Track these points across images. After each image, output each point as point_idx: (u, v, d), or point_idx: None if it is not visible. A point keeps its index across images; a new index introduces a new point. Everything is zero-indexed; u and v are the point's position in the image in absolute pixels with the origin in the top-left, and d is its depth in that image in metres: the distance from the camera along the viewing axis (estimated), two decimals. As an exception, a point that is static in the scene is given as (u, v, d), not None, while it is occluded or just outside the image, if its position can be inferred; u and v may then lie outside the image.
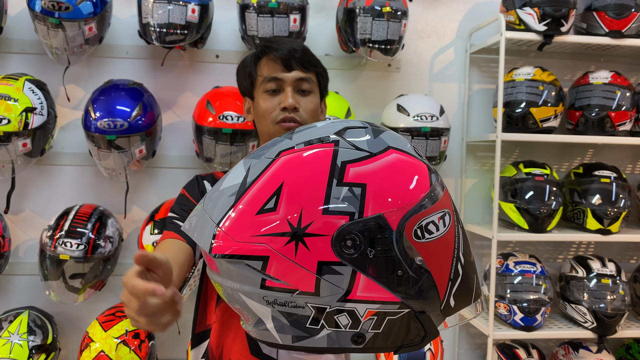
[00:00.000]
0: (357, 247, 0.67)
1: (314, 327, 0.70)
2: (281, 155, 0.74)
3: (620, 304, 2.39)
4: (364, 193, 0.69)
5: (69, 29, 2.13)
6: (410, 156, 0.76)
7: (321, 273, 0.68)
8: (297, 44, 1.31)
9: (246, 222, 0.70)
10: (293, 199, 0.69)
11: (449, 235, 0.73)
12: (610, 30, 2.40)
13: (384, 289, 0.69)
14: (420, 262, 0.70)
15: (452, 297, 0.73)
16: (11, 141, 2.11)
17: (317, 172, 0.70)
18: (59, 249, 2.11)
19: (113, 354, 2.10)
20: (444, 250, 0.72)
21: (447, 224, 0.73)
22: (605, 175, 2.50)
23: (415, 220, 0.70)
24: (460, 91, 2.69)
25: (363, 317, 0.70)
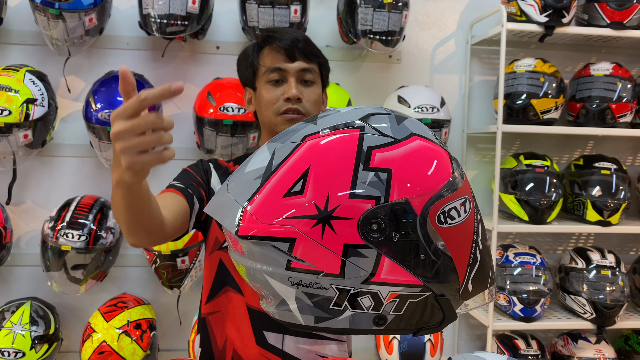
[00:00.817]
0: (382, 230, 0.69)
1: (337, 309, 0.72)
2: (307, 139, 0.76)
3: (619, 295, 2.40)
4: (389, 178, 0.70)
5: (69, 20, 2.12)
6: (433, 143, 0.78)
7: (347, 255, 0.70)
8: (299, 34, 1.31)
9: (273, 205, 0.72)
10: (320, 182, 0.71)
11: (469, 221, 0.75)
12: (612, 22, 2.39)
13: (407, 272, 0.71)
14: (442, 246, 0.72)
15: (470, 282, 0.75)
16: (12, 132, 2.11)
17: (344, 157, 0.72)
18: (61, 240, 2.12)
19: (115, 344, 2.11)
20: (465, 235, 0.74)
21: (467, 210, 0.74)
22: (605, 167, 2.50)
23: (439, 205, 0.72)
24: (461, 83, 2.69)
25: (386, 300, 0.72)
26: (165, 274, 2.20)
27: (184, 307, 2.44)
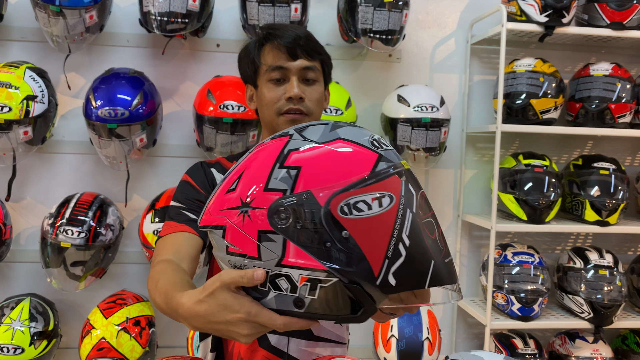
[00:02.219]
0: (286, 218, 0.79)
1: (263, 289, 0.82)
2: (255, 147, 0.89)
3: (617, 295, 2.41)
4: (297, 174, 0.81)
5: (69, 17, 2.12)
6: (359, 146, 0.84)
7: (260, 240, 0.81)
8: (301, 31, 1.28)
9: (218, 200, 0.86)
10: (247, 180, 0.84)
11: (386, 216, 0.79)
12: (612, 22, 2.40)
13: (311, 257, 0.79)
14: (346, 235, 0.78)
15: (391, 276, 0.78)
16: (12, 129, 2.11)
17: (268, 159, 0.84)
18: (60, 237, 2.12)
19: (114, 341, 2.12)
20: (378, 228, 0.79)
21: (384, 205, 0.79)
22: (604, 167, 2.51)
23: (343, 197, 0.79)
24: (460, 82, 2.69)
25: (298, 282, 0.80)
26: (165, 271, 2.21)
27: (183, 304, 2.43)
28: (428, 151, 2.41)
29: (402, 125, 2.37)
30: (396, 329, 2.27)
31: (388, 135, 2.45)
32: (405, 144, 2.39)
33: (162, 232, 1.22)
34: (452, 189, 2.72)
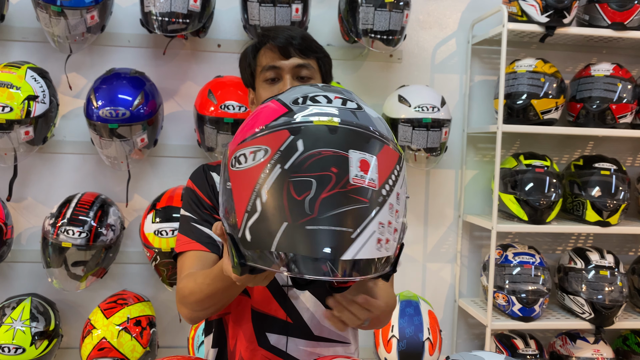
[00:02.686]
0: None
1: None
2: None
3: (618, 295, 2.41)
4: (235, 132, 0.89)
5: (71, 17, 2.12)
6: (279, 103, 0.86)
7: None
8: (295, 32, 1.29)
9: None
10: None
11: (254, 170, 0.78)
12: (613, 22, 2.40)
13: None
14: (229, 186, 0.81)
15: (247, 231, 0.77)
16: (13, 129, 2.12)
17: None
18: (61, 237, 2.12)
19: (115, 341, 2.12)
20: (246, 181, 0.78)
21: (256, 158, 0.78)
22: (605, 168, 2.51)
23: (235, 150, 0.82)
24: (461, 82, 2.69)
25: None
26: (166, 271, 2.21)
27: (184, 304, 2.44)
28: (429, 151, 2.41)
29: (403, 126, 2.37)
30: (397, 330, 2.27)
31: (389, 136, 2.45)
32: (406, 144, 2.39)
33: (177, 247, 1.26)
34: (452, 189, 2.72)
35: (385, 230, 0.76)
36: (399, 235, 0.80)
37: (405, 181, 0.85)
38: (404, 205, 0.82)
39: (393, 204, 0.78)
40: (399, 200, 0.80)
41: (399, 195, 0.80)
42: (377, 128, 0.83)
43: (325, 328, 1.28)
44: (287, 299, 1.25)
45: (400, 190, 0.81)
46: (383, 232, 0.76)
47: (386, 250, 0.76)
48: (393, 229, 0.78)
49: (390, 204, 0.78)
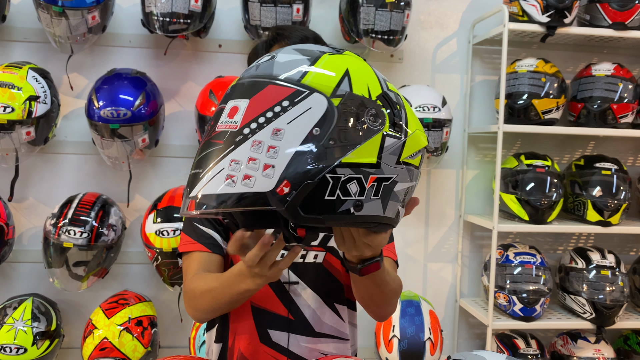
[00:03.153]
0: None
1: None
2: None
3: (619, 295, 2.41)
4: None
5: (72, 18, 2.13)
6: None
7: None
8: (309, 32, 1.30)
9: None
10: None
11: None
12: (614, 22, 2.40)
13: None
14: None
15: None
16: (15, 129, 2.12)
17: None
18: (63, 237, 2.13)
19: (116, 341, 2.12)
20: None
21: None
22: (606, 168, 2.51)
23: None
24: (462, 82, 2.69)
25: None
26: (167, 272, 2.21)
27: (185, 304, 2.44)
28: (430, 151, 2.41)
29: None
30: (398, 329, 2.27)
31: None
32: (407, 144, 2.39)
33: (180, 247, 1.27)
34: (454, 189, 2.72)
35: (241, 167, 0.78)
36: (282, 169, 0.79)
37: (315, 116, 0.81)
38: (295, 139, 0.80)
39: (262, 141, 0.79)
40: (279, 136, 0.79)
41: (278, 131, 0.79)
42: (273, 71, 0.85)
43: (326, 324, 1.28)
44: (287, 295, 1.25)
45: (287, 125, 0.80)
46: (236, 170, 0.78)
47: (246, 186, 0.78)
48: (262, 166, 0.78)
49: (256, 140, 0.79)
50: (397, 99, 0.90)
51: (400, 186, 0.88)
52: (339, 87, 0.83)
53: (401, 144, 0.86)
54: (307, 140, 0.80)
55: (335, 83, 0.83)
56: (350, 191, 0.82)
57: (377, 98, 0.86)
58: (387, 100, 0.87)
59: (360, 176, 0.82)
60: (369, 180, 0.83)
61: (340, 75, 0.85)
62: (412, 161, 0.89)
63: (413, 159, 0.89)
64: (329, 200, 0.81)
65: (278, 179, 0.78)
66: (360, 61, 0.90)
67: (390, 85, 0.91)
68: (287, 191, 0.78)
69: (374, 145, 0.83)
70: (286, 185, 0.78)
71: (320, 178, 0.79)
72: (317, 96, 0.82)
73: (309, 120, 0.81)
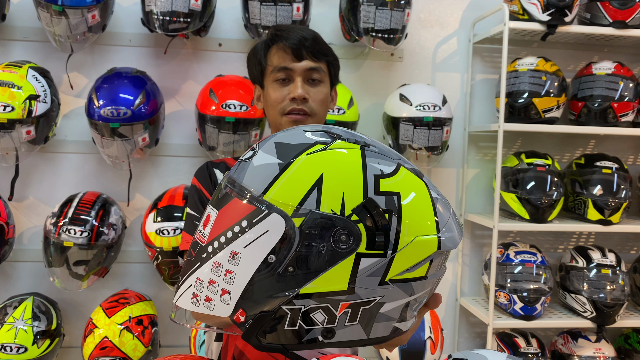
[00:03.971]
0: None
1: None
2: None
3: (619, 294, 2.41)
4: None
5: (72, 17, 2.13)
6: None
7: None
8: (307, 32, 1.30)
9: None
10: None
11: None
12: (614, 21, 2.39)
13: None
14: None
15: None
16: (15, 129, 2.12)
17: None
18: (63, 236, 2.13)
19: (117, 340, 2.12)
20: None
21: None
22: (606, 166, 2.51)
23: None
24: (462, 81, 2.69)
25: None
26: (167, 271, 2.21)
27: (186, 303, 2.44)
28: (430, 150, 2.40)
29: (404, 125, 2.37)
30: (398, 328, 2.26)
31: (390, 135, 2.45)
32: (407, 143, 2.39)
33: (182, 246, 1.26)
34: (454, 188, 2.72)
35: (203, 287, 0.74)
36: (237, 297, 0.72)
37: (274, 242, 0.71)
38: (250, 266, 0.71)
39: (221, 263, 0.72)
40: (236, 260, 0.72)
41: (235, 254, 0.72)
42: (244, 179, 0.75)
43: None
44: None
45: (244, 249, 0.71)
46: (200, 289, 0.74)
47: (207, 308, 0.74)
48: (220, 290, 0.73)
49: (216, 262, 0.73)
50: (391, 203, 0.73)
51: (389, 306, 0.75)
52: (302, 205, 0.71)
53: (385, 262, 0.72)
54: (262, 268, 0.71)
55: (299, 199, 0.71)
56: (315, 321, 0.73)
57: (354, 211, 0.71)
58: (369, 211, 0.72)
59: (326, 305, 0.72)
60: (339, 308, 0.73)
61: (309, 187, 0.71)
62: (410, 274, 0.75)
63: (412, 272, 0.75)
64: (291, 330, 0.73)
65: (234, 306, 0.73)
66: (346, 158, 0.74)
67: (390, 183, 0.75)
68: (243, 320, 0.73)
69: (343, 270, 0.71)
70: (242, 314, 0.73)
71: (276, 309, 0.72)
72: (275, 217, 0.71)
73: (265, 245, 0.71)
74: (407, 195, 0.76)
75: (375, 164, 0.75)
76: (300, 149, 0.75)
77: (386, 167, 0.76)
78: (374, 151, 0.77)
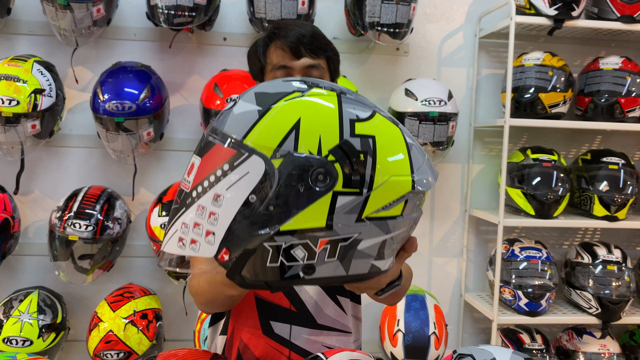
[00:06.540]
0: None
1: None
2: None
3: (625, 290, 2.40)
4: None
5: (77, 11, 2.12)
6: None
7: None
8: (306, 29, 1.29)
9: None
10: None
11: None
12: (622, 15, 2.37)
13: None
14: None
15: None
16: (20, 123, 2.12)
17: None
18: (68, 230, 2.13)
19: (121, 334, 2.13)
20: None
21: None
22: (613, 162, 2.49)
23: None
24: (468, 76, 2.67)
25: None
26: (172, 265, 2.21)
27: (190, 297, 2.43)
28: (435, 145, 2.40)
29: (409, 119, 2.36)
30: (403, 324, 2.27)
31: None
32: (412, 138, 2.38)
33: None
34: (459, 183, 2.71)
35: (189, 230, 0.78)
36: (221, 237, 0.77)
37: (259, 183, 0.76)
38: (232, 207, 0.76)
39: (205, 206, 0.77)
40: (219, 202, 0.76)
41: (218, 197, 0.76)
42: (224, 126, 0.81)
43: (328, 317, 1.28)
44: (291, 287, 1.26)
45: (226, 191, 0.76)
46: (186, 233, 0.78)
47: (193, 250, 0.78)
48: (204, 232, 0.77)
49: (200, 205, 0.77)
50: (367, 145, 0.78)
51: (367, 243, 0.80)
52: (280, 147, 0.76)
53: (361, 200, 0.77)
54: (244, 208, 0.75)
55: (277, 142, 0.76)
56: (296, 257, 0.77)
57: (331, 152, 0.76)
58: (345, 152, 0.77)
59: (306, 241, 0.77)
60: (319, 244, 0.77)
61: (286, 131, 0.77)
62: (386, 213, 0.80)
63: (387, 210, 0.80)
64: (273, 267, 0.77)
65: (218, 246, 0.77)
66: (322, 104, 0.80)
67: (365, 127, 0.80)
68: (227, 259, 0.77)
69: (321, 207, 0.76)
70: (225, 253, 0.77)
71: (258, 247, 0.76)
72: (255, 159, 0.76)
73: (246, 186, 0.76)
74: (381, 139, 0.80)
75: (351, 109, 0.80)
76: (278, 96, 0.81)
77: (362, 112, 0.81)
78: (350, 98, 0.83)
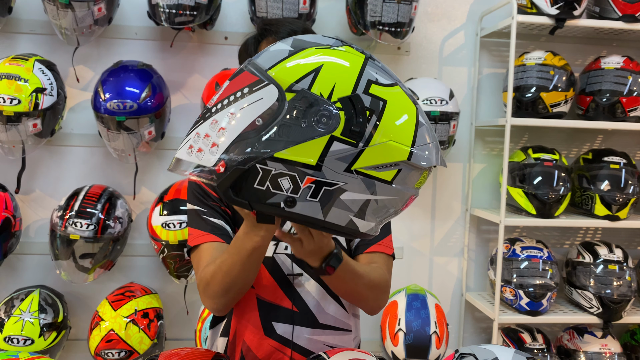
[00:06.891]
0: None
1: None
2: None
3: (626, 290, 2.40)
4: None
5: (78, 10, 2.12)
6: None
7: None
8: (297, 25, 1.28)
9: None
10: None
11: None
12: (624, 14, 2.37)
13: None
14: None
15: None
16: (21, 121, 2.12)
17: None
18: (69, 229, 2.13)
19: (122, 333, 2.13)
20: None
21: None
22: (614, 162, 2.49)
23: None
24: (470, 75, 2.67)
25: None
26: (173, 264, 2.22)
27: (191, 296, 2.45)
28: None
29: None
30: (404, 323, 2.27)
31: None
32: (413, 137, 2.38)
33: (190, 242, 1.25)
34: (460, 183, 2.71)
35: (199, 140, 0.85)
36: (222, 150, 0.84)
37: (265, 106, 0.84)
38: (240, 125, 0.83)
39: (218, 120, 0.85)
40: (230, 119, 0.84)
41: (232, 114, 0.84)
42: (258, 58, 0.89)
43: (330, 316, 1.29)
44: (292, 287, 1.26)
45: (239, 110, 0.84)
46: (196, 141, 0.86)
47: (197, 158, 0.85)
48: (211, 143, 0.84)
49: (215, 119, 0.85)
50: (376, 105, 0.85)
51: (350, 195, 0.85)
52: (297, 83, 0.83)
53: (355, 152, 0.83)
54: (249, 128, 0.83)
55: (296, 78, 0.84)
56: (282, 186, 0.83)
57: (340, 100, 0.83)
58: (353, 104, 0.83)
59: (294, 174, 0.83)
60: (305, 181, 0.83)
61: (307, 71, 0.84)
62: (376, 173, 0.85)
63: (377, 171, 0.85)
64: (259, 189, 0.84)
65: (218, 158, 0.84)
66: (348, 59, 0.88)
67: (381, 90, 0.87)
68: (222, 171, 0.83)
69: (316, 146, 0.82)
70: (222, 165, 0.84)
71: (251, 166, 0.82)
72: (271, 88, 0.84)
73: (256, 110, 0.83)
74: (392, 105, 0.87)
75: (373, 72, 0.88)
76: (312, 45, 0.89)
77: (383, 79, 0.89)
78: (376, 65, 0.91)
